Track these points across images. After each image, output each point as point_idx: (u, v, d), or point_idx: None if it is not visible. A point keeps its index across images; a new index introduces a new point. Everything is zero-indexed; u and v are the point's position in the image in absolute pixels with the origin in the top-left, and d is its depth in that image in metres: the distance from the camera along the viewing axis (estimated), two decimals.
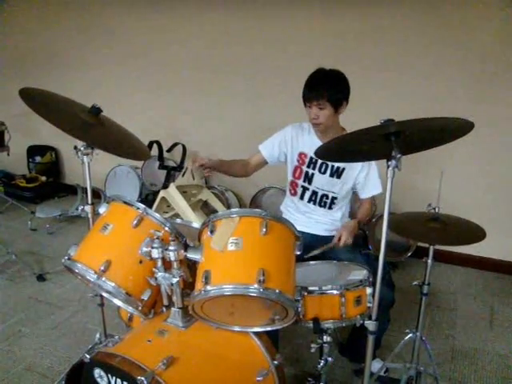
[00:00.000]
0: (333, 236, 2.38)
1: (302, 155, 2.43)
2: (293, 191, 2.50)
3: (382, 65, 3.51)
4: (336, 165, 2.37)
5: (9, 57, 5.04)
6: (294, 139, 2.44)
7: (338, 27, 3.59)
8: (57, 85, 2.98)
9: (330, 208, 2.45)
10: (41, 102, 1.85)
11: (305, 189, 2.45)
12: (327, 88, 2.19)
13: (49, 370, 2.42)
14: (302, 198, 2.47)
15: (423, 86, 3.43)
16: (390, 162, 1.44)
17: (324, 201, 2.44)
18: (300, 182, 2.45)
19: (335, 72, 2.24)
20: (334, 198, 2.43)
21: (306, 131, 2.43)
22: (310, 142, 2.39)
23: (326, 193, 2.42)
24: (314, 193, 2.44)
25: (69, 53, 4.74)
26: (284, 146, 2.46)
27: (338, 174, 2.38)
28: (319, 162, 2.39)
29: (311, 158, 2.40)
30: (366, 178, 2.39)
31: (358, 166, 2.37)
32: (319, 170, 2.40)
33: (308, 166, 2.42)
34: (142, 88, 4.50)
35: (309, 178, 2.43)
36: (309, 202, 2.46)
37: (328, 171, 2.39)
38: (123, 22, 4.40)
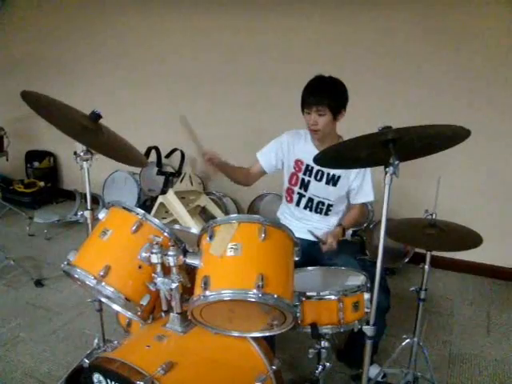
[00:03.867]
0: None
1: (298, 162, 2.43)
2: (289, 198, 2.51)
3: (379, 71, 3.53)
4: (332, 172, 2.38)
5: (9, 62, 5.05)
6: (291, 146, 2.45)
7: (336, 34, 3.62)
8: (56, 91, 2.98)
9: (326, 214, 2.45)
10: (41, 106, 1.86)
11: (301, 196, 2.46)
12: (328, 94, 2.21)
13: (47, 375, 2.42)
14: (298, 204, 2.48)
15: (421, 92, 3.45)
16: (387, 169, 1.46)
17: (320, 207, 2.45)
18: (296, 189, 2.46)
19: (336, 79, 2.26)
20: (329, 206, 2.44)
21: (302, 138, 2.44)
22: (306, 150, 2.39)
23: (321, 200, 2.43)
24: (310, 200, 2.45)
25: (69, 60, 4.76)
26: (281, 153, 2.47)
27: (333, 181, 2.39)
28: (315, 169, 2.39)
29: (307, 166, 2.41)
30: (360, 185, 2.40)
31: (352, 173, 2.38)
32: (315, 178, 2.41)
33: (304, 174, 2.42)
34: (141, 94, 4.51)
35: (305, 185, 2.43)
36: (305, 208, 2.47)
37: (324, 179, 2.39)
38: (124, 31, 4.42)
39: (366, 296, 1.77)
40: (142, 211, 1.70)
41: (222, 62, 4.07)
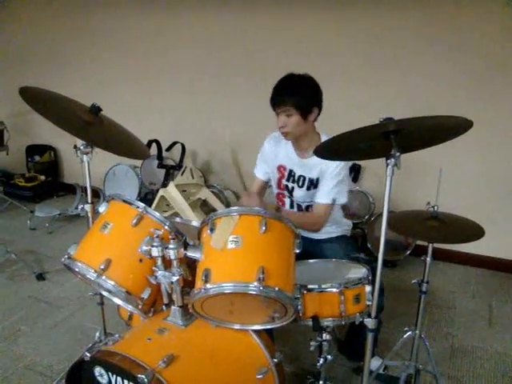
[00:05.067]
0: (326, 239, 2.36)
1: (280, 168, 2.37)
2: (281, 203, 2.45)
3: (380, 63, 3.51)
4: (312, 177, 2.28)
5: (8, 56, 5.04)
6: (273, 152, 2.38)
7: (336, 28, 3.59)
8: (57, 84, 2.97)
9: None
10: (41, 100, 1.85)
11: (292, 200, 2.41)
12: (293, 94, 2.12)
13: (48, 368, 2.42)
14: (291, 207, 2.42)
15: (422, 84, 3.44)
16: (389, 161, 1.45)
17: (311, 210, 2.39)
18: (286, 193, 2.41)
19: (304, 77, 2.17)
20: None
21: (282, 142, 2.34)
22: (288, 154, 2.33)
23: (309, 203, 2.36)
24: (299, 205, 2.39)
25: (69, 52, 4.75)
26: (269, 159, 2.41)
27: (314, 185, 2.30)
28: (297, 175, 2.32)
29: (290, 171, 2.34)
30: (324, 182, 2.24)
31: (330, 168, 2.21)
32: (297, 184, 2.33)
33: (288, 180, 2.35)
34: (141, 87, 4.51)
35: (289, 191, 2.37)
36: (298, 210, 2.42)
37: (305, 185, 2.31)
38: (124, 23, 4.41)
39: (368, 289, 1.76)
40: (143, 204, 1.70)
41: (222, 56, 4.05)
